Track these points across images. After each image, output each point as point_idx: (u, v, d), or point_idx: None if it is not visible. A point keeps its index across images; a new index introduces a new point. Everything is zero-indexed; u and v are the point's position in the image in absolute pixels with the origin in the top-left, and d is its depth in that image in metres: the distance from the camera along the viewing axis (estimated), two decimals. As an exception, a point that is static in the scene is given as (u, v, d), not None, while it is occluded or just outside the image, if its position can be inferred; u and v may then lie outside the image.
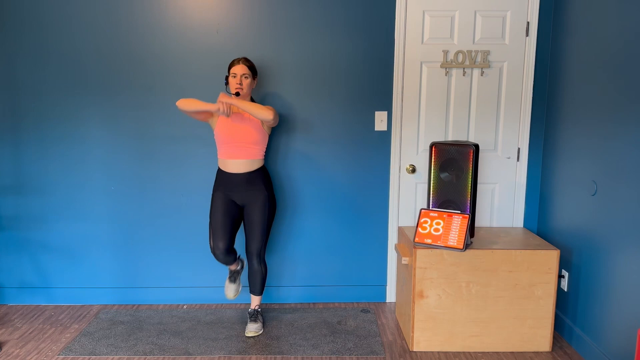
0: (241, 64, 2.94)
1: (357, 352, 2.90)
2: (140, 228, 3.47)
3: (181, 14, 3.26)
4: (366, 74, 3.33)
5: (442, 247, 2.82)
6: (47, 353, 2.90)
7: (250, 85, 2.98)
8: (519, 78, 3.33)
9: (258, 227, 3.05)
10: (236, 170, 3.00)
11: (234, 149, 2.97)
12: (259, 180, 3.04)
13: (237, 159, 2.98)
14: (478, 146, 2.87)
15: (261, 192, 3.04)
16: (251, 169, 3.01)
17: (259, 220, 3.05)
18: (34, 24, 3.25)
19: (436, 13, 3.27)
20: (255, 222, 3.05)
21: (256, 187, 3.03)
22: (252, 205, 3.04)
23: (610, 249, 2.61)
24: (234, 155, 2.98)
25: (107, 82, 3.32)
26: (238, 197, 3.05)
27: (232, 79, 2.93)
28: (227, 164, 3.01)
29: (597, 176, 2.72)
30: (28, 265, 3.51)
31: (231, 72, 2.94)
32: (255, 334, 3.08)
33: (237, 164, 2.99)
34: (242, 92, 2.94)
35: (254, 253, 3.08)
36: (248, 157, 2.99)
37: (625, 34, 2.50)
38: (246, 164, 3.00)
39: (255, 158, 3.01)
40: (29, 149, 3.38)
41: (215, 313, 3.40)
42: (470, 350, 2.93)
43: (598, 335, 2.73)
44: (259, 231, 3.06)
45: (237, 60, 2.96)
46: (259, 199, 3.04)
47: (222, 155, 3.02)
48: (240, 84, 2.92)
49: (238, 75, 2.93)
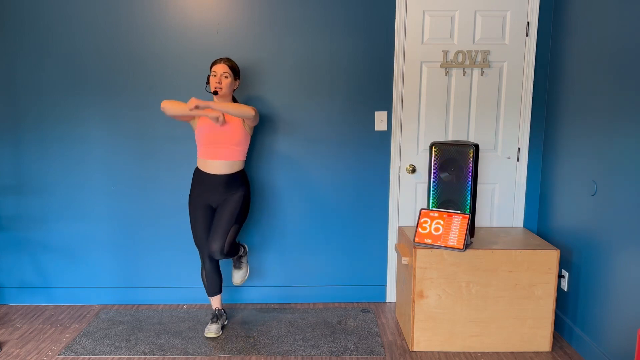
0: (222, 63, 2.93)
1: (357, 352, 2.90)
2: (140, 228, 3.47)
3: (181, 14, 3.26)
4: (366, 74, 3.33)
5: (442, 247, 2.82)
6: (47, 353, 2.90)
7: (231, 85, 2.95)
8: (519, 78, 3.33)
9: (223, 225, 2.94)
10: (216, 171, 2.97)
11: (216, 149, 2.94)
12: (238, 184, 3.01)
13: (218, 160, 2.95)
14: (478, 146, 2.87)
15: (237, 193, 3.01)
16: (231, 171, 2.99)
17: (226, 219, 2.95)
18: (34, 24, 3.25)
19: (436, 13, 3.27)
20: (222, 220, 2.94)
21: (234, 189, 3.00)
22: (224, 204, 3.00)
23: (610, 249, 2.61)
24: (215, 155, 2.95)
25: (107, 82, 3.32)
26: (214, 200, 3.01)
27: (212, 77, 2.92)
28: (207, 165, 2.97)
29: (597, 176, 2.72)
30: (28, 265, 3.51)
31: (212, 70, 2.93)
32: (242, 281, 3.28)
33: (217, 164, 2.96)
34: (220, 92, 2.91)
35: (216, 251, 2.93)
36: (229, 159, 2.96)
37: (625, 33, 2.50)
38: (227, 166, 2.97)
39: (237, 160, 2.99)
40: (29, 149, 3.38)
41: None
42: (470, 350, 2.93)
43: (598, 335, 2.73)
44: (223, 229, 2.93)
45: (219, 59, 2.95)
46: (233, 198, 2.99)
47: (202, 155, 2.98)
48: (219, 82, 2.90)
49: (218, 74, 2.91)
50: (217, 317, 3.14)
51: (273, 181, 3.44)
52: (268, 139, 3.39)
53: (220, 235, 2.94)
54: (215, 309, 3.18)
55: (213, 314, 3.16)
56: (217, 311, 3.17)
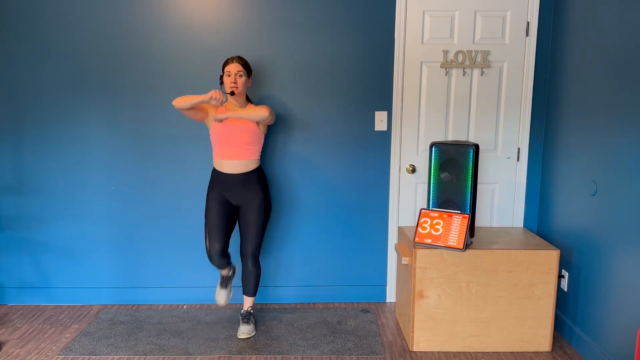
0: (235, 62, 2.92)
1: (357, 352, 2.90)
2: (140, 228, 3.47)
3: (181, 14, 3.26)
4: (366, 74, 3.33)
5: (442, 247, 2.82)
6: (47, 353, 2.90)
7: (245, 83, 2.95)
8: (519, 78, 3.33)
9: (253, 228, 3.03)
10: (232, 170, 2.98)
11: (230, 149, 2.95)
12: (255, 181, 3.02)
13: (233, 160, 2.96)
14: (478, 146, 2.87)
15: (257, 193, 3.02)
16: (247, 170, 3.00)
17: (254, 222, 3.02)
18: (34, 24, 3.25)
19: (436, 13, 3.27)
20: (251, 223, 3.03)
21: (252, 188, 3.01)
22: (248, 206, 3.03)
23: (610, 249, 2.61)
24: (229, 155, 2.96)
25: (107, 82, 3.32)
26: (233, 198, 3.03)
27: (227, 78, 2.91)
28: (223, 165, 2.99)
29: (597, 176, 2.72)
30: (28, 265, 3.51)
31: (225, 71, 2.92)
32: (248, 336, 3.06)
33: (232, 164, 2.97)
34: (237, 91, 2.92)
35: (248, 254, 3.06)
36: (244, 158, 2.97)
37: (625, 33, 2.50)
38: (242, 165, 2.98)
39: (251, 159, 3.00)
40: (29, 149, 3.38)
41: (215, 313, 3.40)
42: (470, 350, 2.93)
43: (598, 335, 2.73)
44: (254, 232, 3.03)
45: (231, 58, 2.93)
46: (255, 200, 3.02)
47: (217, 155, 3.00)
48: (235, 82, 2.90)
49: (232, 74, 2.90)
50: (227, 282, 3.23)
51: (272, 181, 3.44)
52: (267, 139, 3.39)
53: (253, 240, 3.05)
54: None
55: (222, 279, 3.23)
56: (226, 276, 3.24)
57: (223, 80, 2.96)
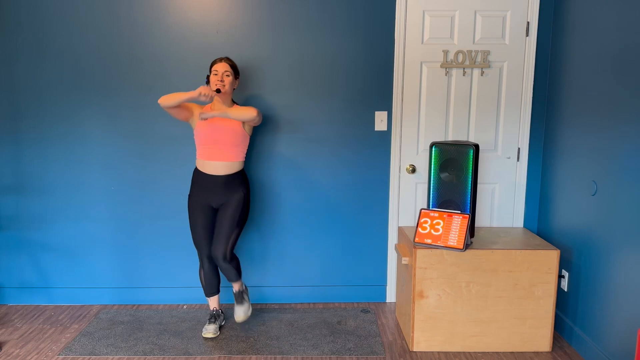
0: (223, 62, 2.93)
1: (357, 352, 2.90)
2: (140, 228, 3.47)
3: (181, 14, 3.26)
4: (366, 73, 3.33)
5: (442, 247, 2.82)
6: (47, 353, 2.90)
7: (232, 84, 2.95)
8: (519, 78, 3.33)
9: (226, 227, 2.94)
10: (215, 172, 2.95)
11: (214, 150, 2.93)
12: (237, 184, 2.99)
13: (217, 161, 2.94)
14: (478, 146, 2.87)
15: (237, 194, 2.98)
16: (230, 172, 2.97)
17: (228, 221, 2.95)
18: (34, 24, 3.25)
19: (436, 13, 3.27)
20: (225, 222, 2.95)
21: (234, 190, 2.98)
22: (225, 207, 2.98)
23: (610, 249, 2.61)
24: (213, 156, 2.93)
25: (106, 82, 3.32)
26: (215, 201, 2.99)
27: (214, 76, 2.91)
28: (206, 165, 2.96)
29: (597, 176, 2.72)
30: (28, 265, 3.51)
31: (212, 69, 2.92)
32: (245, 317, 3.03)
33: (216, 165, 2.94)
34: (223, 90, 2.90)
35: (218, 257, 2.94)
36: (228, 160, 2.95)
37: (625, 33, 2.50)
38: (225, 167, 2.95)
39: (235, 160, 2.97)
40: (29, 149, 3.38)
41: (215, 313, 3.40)
42: (470, 350, 2.93)
43: (598, 335, 2.73)
44: (225, 232, 2.94)
45: (220, 58, 2.95)
46: (233, 201, 2.98)
47: (200, 155, 2.97)
48: (222, 80, 2.90)
49: (220, 73, 2.90)
50: (215, 318, 3.14)
51: (272, 181, 3.44)
52: (267, 139, 3.39)
53: (223, 242, 2.94)
54: (213, 309, 3.18)
55: (211, 314, 3.16)
56: (215, 311, 3.17)
57: (209, 79, 2.96)
